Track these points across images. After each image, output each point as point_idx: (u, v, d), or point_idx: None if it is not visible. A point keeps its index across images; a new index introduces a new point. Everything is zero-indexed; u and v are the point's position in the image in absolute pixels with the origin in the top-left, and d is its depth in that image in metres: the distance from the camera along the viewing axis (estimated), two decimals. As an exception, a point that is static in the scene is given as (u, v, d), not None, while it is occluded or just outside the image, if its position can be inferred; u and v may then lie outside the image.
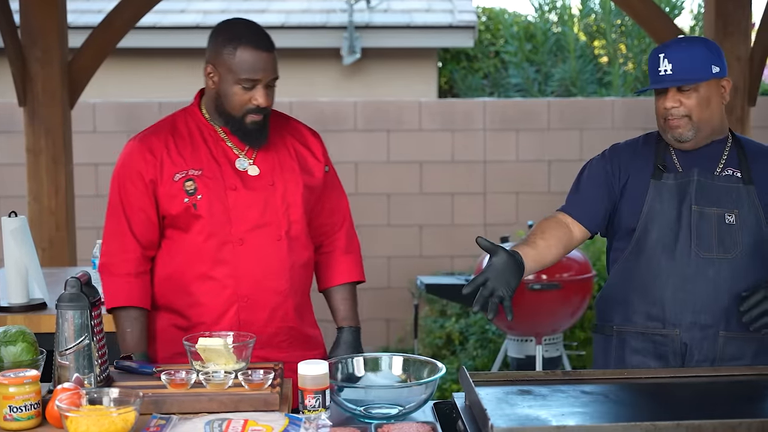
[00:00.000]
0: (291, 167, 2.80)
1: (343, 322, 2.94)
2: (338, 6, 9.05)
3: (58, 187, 5.17)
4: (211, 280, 2.72)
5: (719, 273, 2.72)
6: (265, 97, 2.68)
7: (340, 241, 2.98)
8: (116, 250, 2.74)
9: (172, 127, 2.77)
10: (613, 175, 2.86)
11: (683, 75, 2.71)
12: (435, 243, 7.31)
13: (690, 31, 9.37)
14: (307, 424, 2.13)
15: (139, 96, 8.07)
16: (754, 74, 5.10)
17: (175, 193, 2.69)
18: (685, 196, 2.76)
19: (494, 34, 10.10)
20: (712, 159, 2.81)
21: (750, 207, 2.76)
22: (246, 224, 2.71)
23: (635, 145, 2.92)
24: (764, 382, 2.50)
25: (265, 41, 2.71)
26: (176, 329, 2.76)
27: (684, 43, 2.81)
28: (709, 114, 2.75)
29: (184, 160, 2.71)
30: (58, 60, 5.08)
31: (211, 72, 2.71)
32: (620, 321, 2.85)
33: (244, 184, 2.72)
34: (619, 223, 2.85)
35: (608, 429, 2.06)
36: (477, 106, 7.39)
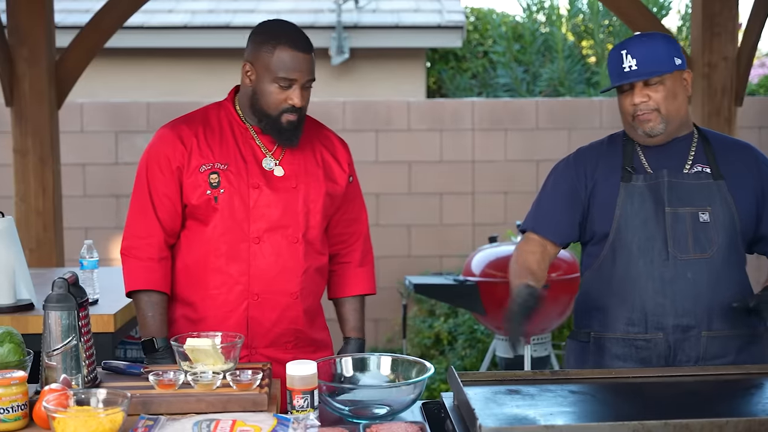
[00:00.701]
0: (315, 173, 2.82)
1: (351, 333, 2.97)
2: (326, 6, 9.05)
3: (45, 187, 5.16)
4: (224, 274, 2.74)
5: (698, 273, 2.71)
6: (301, 97, 2.70)
7: (356, 252, 3.00)
8: (141, 234, 2.76)
9: (205, 119, 2.80)
10: (578, 183, 2.84)
11: (649, 68, 2.70)
12: (423, 243, 7.32)
13: (677, 32, 9.40)
14: (296, 424, 2.12)
15: (127, 96, 8.05)
16: (741, 74, 5.12)
17: (199, 183, 2.72)
18: (657, 197, 2.74)
19: (482, 35, 10.11)
20: (680, 156, 2.79)
21: (722, 202, 2.74)
22: (264, 224, 2.73)
23: (600, 147, 2.90)
24: (750, 381, 2.51)
25: (304, 42, 2.73)
26: (186, 321, 2.79)
27: (644, 38, 2.79)
28: (676, 106, 2.74)
29: (212, 152, 2.74)
30: (46, 60, 5.06)
31: (248, 70, 2.73)
32: (599, 327, 2.83)
33: (268, 183, 2.75)
34: (592, 229, 2.83)
35: (596, 428, 2.07)
36: (465, 106, 7.40)
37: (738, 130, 5.16)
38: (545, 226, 2.86)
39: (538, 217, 2.89)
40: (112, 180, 7.10)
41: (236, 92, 2.86)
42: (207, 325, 2.73)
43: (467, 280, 5.47)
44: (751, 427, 2.05)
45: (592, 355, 2.83)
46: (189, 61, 8.72)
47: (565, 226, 2.85)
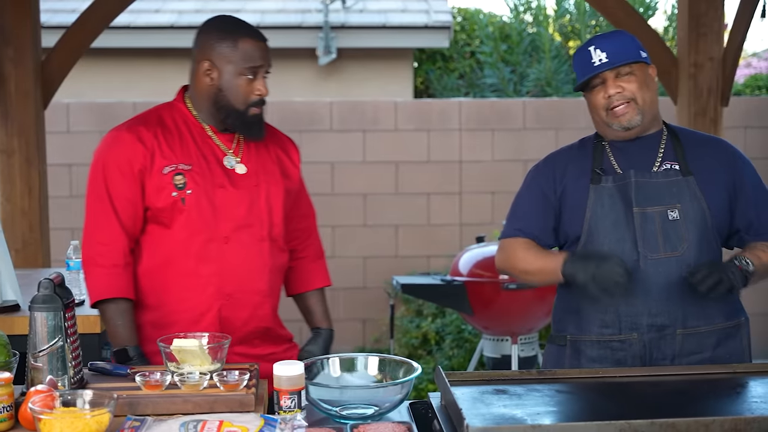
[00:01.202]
0: (273, 170, 2.82)
1: (322, 323, 2.98)
2: (314, 6, 9.04)
3: (31, 187, 5.13)
4: (195, 276, 2.72)
5: (669, 272, 2.71)
6: (265, 86, 2.72)
7: (312, 247, 3.02)
8: (103, 240, 2.70)
9: (160, 120, 2.76)
10: (548, 188, 2.84)
11: (619, 58, 2.71)
12: (411, 243, 7.32)
13: (663, 32, 9.43)
14: (283, 424, 2.12)
15: (114, 96, 8.03)
16: (727, 75, 5.14)
17: (163, 185, 2.68)
18: (625, 198, 2.74)
19: (470, 35, 10.12)
20: (649, 154, 2.80)
21: (692, 198, 2.74)
22: (232, 222, 2.72)
23: (570, 151, 2.91)
24: (736, 380, 2.52)
25: (259, 32, 2.76)
26: (153, 327, 2.75)
27: (609, 35, 2.81)
28: (650, 96, 2.76)
29: (174, 153, 2.71)
30: (32, 60, 5.04)
31: (208, 69, 2.72)
32: (574, 331, 2.83)
33: (232, 182, 2.74)
34: (564, 233, 2.84)
35: (583, 428, 2.07)
36: (453, 106, 7.40)
37: (724, 130, 5.18)
38: (524, 233, 2.85)
39: (516, 224, 2.89)
40: (99, 180, 7.06)
41: (184, 92, 2.83)
42: (177, 329, 2.66)
43: (454, 280, 5.47)
44: (737, 426, 2.06)
45: (568, 359, 2.82)
46: (175, 61, 8.68)
47: (542, 231, 2.85)
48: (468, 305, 5.41)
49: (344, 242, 7.17)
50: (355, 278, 7.20)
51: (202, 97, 2.76)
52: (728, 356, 2.76)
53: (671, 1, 9.93)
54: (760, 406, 2.26)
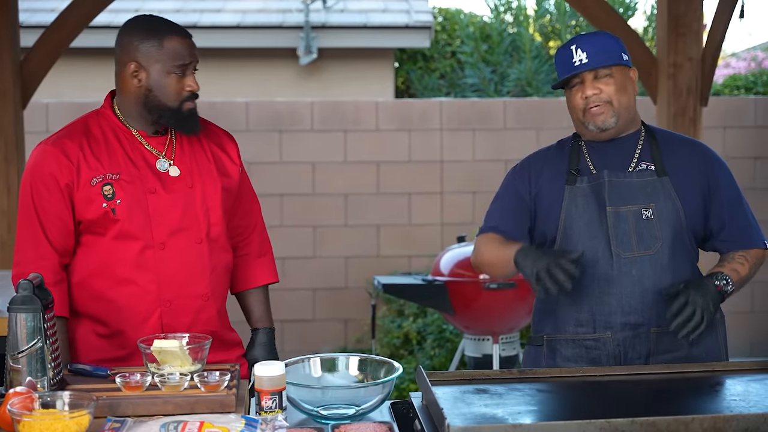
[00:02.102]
0: (209, 169, 2.77)
1: (258, 324, 2.94)
2: (294, 6, 9.03)
3: (9, 187, 5.11)
4: (132, 284, 2.66)
5: (642, 271, 2.73)
6: (195, 81, 2.71)
7: (254, 243, 2.97)
8: (32, 258, 2.63)
9: (86, 130, 2.70)
10: (523, 190, 2.87)
11: (599, 60, 2.73)
12: (392, 243, 7.32)
13: (643, 32, 9.47)
14: (264, 425, 2.12)
15: (93, 96, 7.97)
16: (706, 75, 5.17)
17: (92, 197, 2.62)
18: (599, 197, 2.76)
19: (450, 35, 10.14)
20: (626, 155, 2.82)
21: (666, 199, 2.75)
22: (166, 228, 2.66)
23: (547, 153, 2.94)
24: (715, 378, 2.53)
25: (183, 29, 2.76)
26: (96, 336, 2.70)
27: (592, 35, 2.83)
28: (627, 100, 2.77)
29: (100, 163, 2.64)
30: (10, 59, 5.01)
31: (135, 70, 2.67)
32: (551, 331, 2.85)
33: (164, 186, 2.68)
34: (540, 233, 2.85)
35: (564, 427, 2.08)
36: (433, 106, 7.41)
37: (703, 130, 5.21)
38: (500, 231, 2.87)
39: (492, 222, 2.91)
40: (79, 181, 7.04)
41: (112, 98, 2.79)
42: (122, 338, 2.64)
43: (436, 279, 5.48)
44: (716, 424, 2.07)
45: (545, 358, 2.84)
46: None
47: (517, 231, 2.86)
48: (449, 305, 5.42)
49: (325, 242, 7.17)
50: (337, 278, 7.20)
51: (130, 101, 2.71)
52: (704, 354, 2.77)
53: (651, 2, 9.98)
54: (739, 404, 2.28)
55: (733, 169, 2.97)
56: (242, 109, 7.02)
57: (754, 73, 9.34)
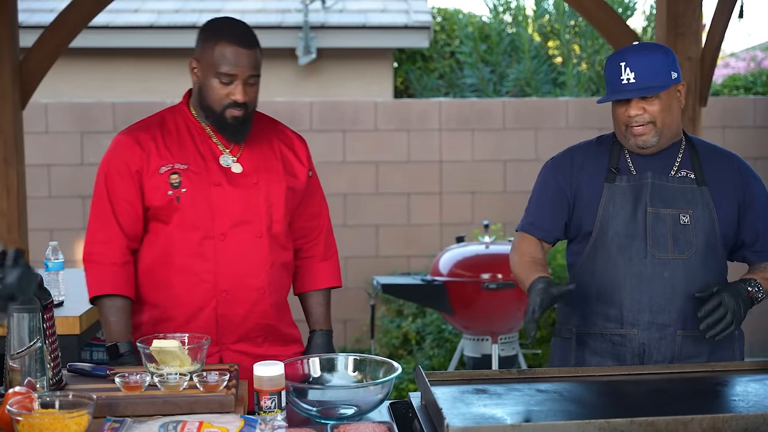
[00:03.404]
0: (275, 168, 2.84)
1: (316, 326, 2.99)
2: (293, 6, 9.03)
3: (9, 188, 5.10)
4: (190, 273, 2.75)
5: (675, 273, 2.76)
6: (243, 93, 2.71)
7: (319, 246, 3.02)
8: (102, 240, 2.76)
9: (161, 123, 2.82)
10: (564, 183, 2.89)
11: (646, 83, 2.72)
12: (391, 243, 7.32)
13: (642, 32, 9.47)
14: (263, 425, 2.12)
15: (92, 96, 7.99)
16: (705, 75, 5.16)
17: (159, 185, 2.73)
18: (639, 197, 2.79)
19: (449, 35, 10.14)
20: (667, 161, 2.84)
21: (704, 208, 2.80)
22: (228, 220, 2.74)
23: (588, 148, 2.95)
24: (715, 378, 2.53)
25: (246, 38, 2.74)
26: (154, 323, 2.79)
27: (644, 51, 2.79)
28: (671, 119, 2.78)
29: (170, 153, 2.75)
30: (9, 60, 5.00)
31: (195, 66, 2.76)
32: (580, 323, 2.88)
33: (229, 180, 2.76)
34: (576, 227, 2.89)
35: (563, 427, 2.08)
36: (432, 106, 7.41)
37: (702, 130, 5.20)
38: (536, 227, 2.93)
39: (529, 218, 2.95)
40: (78, 181, 7.04)
41: (190, 95, 2.87)
42: (174, 325, 2.73)
43: (435, 280, 5.48)
44: (715, 424, 2.07)
45: (574, 351, 2.89)
46: (155, 61, 8.67)
47: (553, 225, 2.91)
48: (448, 305, 5.42)
49: (324, 242, 7.16)
50: (336, 278, 7.19)
51: (195, 95, 2.81)
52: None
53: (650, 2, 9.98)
54: (738, 405, 2.28)
55: (733, 169, 2.99)
56: (241, 109, 7.00)
57: (754, 73, 9.34)
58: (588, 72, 9.20)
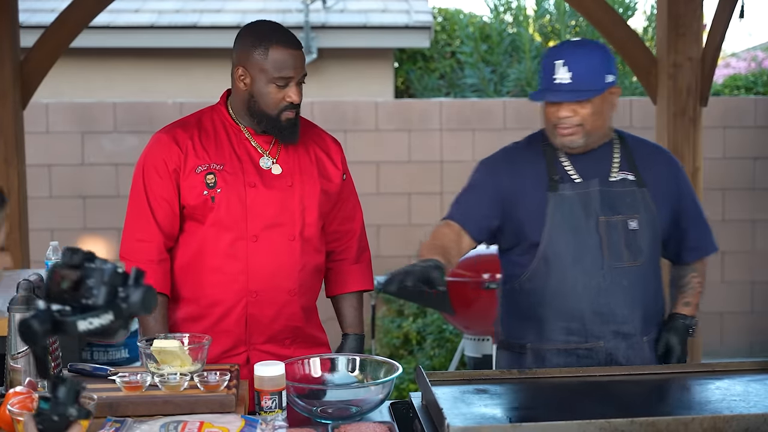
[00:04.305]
0: (310, 171, 2.85)
1: (349, 329, 3.00)
2: (294, 6, 9.04)
3: (10, 188, 5.10)
4: (222, 273, 2.76)
5: (632, 281, 2.73)
6: (298, 94, 2.75)
7: (352, 249, 3.02)
8: (139, 237, 2.78)
9: (199, 123, 2.83)
10: (501, 187, 2.80)
11: (581, 86, 2.64)
12: (392, 243, 7.32)
13: (643, 32, 9.46)
14: (264, 425, 2.12)
15: (93, 96, 7.99)
16: (706, 75, 5.16)
17: (195, 184, 2.74)
18: (589, 206, 2.72)
19: (450, 35, 10.14)
20: (604, 163, 2.78)
21: (647, 210, 2.75)
22: (261, 221, 2.75)
23: (523, 152, 2.86)
24: (715, 378, 2.53)
25: (294, 40, 2.76)
26: (188, 320, 2.81)
27: (583, 50, 2.71)
28: (601, 122, 2.72)
29: (207, 153, 2.77)
30: (10, 60, 5.01)
31: (242, 74, 2.75)
32: (535, 339, 2.79)
33: (264, 182, 2.77)
34: (516, 236, 2.80)
35: (564, 427, 2.08)
36: (433, 106, 7.41)
37: (703, 131, 5.20)
38: (466, 217, 2.82)
39: (459, 209, 2.86)
40: (78, 181, 7.04)
41: (228, 95, 2.88)
42: (206, 324, 2.75)
43: (435, 279, 5.47)
44: (716, 424, 2.07)
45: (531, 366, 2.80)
46: (156, 61, 8.67)
47: (484, 221, 2.82)
48: (449, 305, 5.41)
49: (325, 242, 7.17)
50: (337, 278, 7.20)
51: (238, 101, 2.80)
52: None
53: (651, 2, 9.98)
54: (739, 405, 2.28)
55: (733, 169, 3.01)
56: (242, 110, 7.01)
57: (754, 73, 9.34)
58: (589, 72, 9.19)
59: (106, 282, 1.48)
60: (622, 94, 8.96)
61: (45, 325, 1.48)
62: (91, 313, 1.47)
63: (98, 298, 1.48)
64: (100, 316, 1.47)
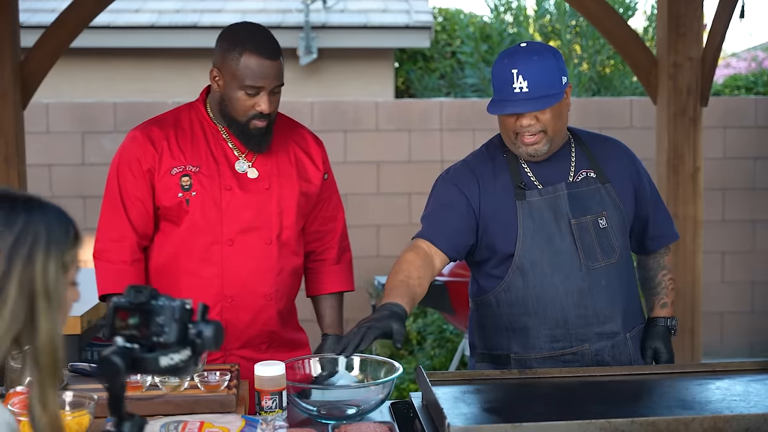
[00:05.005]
0: (288, 173, 2.81)
1: (329, 330, 2.97)
2: (294, 6, 9.03)
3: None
4: (197, 277, 2.73)
5: (610, 280, 2.72)
6: (269, 104, 2.67)
7: (333, 250, 3.00)
8: (112, 237, 2.76)
9: (176, 121, 2.79)
10: (471, 199, 2.72)
11: (540, 92, 2.59)
12: (393, 243, 7.32)
13: (643, 32, 9.46)
14: (264, 425, 2.12)
15: (94, 96, 7.99)
16: (706, 75, 5.16)
17: (170, 186, 2.70)
18: (559, 210, 2.69)
19: (450, 35, 10.14)
20: (564, 165, 2.76)
21: (614, 206, 2.75)
22: (237, 225, 2.72)
23: (485, 162, 2.79)
24: (715, 379, 2.53)
25: (270, 48, 2.67)
26: None
27: (535, 57, 2.64)
28: (561, 124, 2.70)
29: (183, 154, 2.73)
30: (10, 60, 5.00)
31: (216, 76, 2.71)
32: (519, 349, 2.74)
33: (240, 185, 2.73)
34: (488, 249, 2.73)
35: (564, 427, 2.08)
36: (433, 106, 7.41)
37: (703, 131, 5.20)
38: (438, 236, 2.72)
39: (431, 228, 2.75)
40: (79, 181, 7.04)
41: (208, 92, 2.84)
42: None
43: (436, 280, 5.47)
44: (716, 424, 2.07)
45: None
46: (156, 61, 8.67)
47: (460, 241, 2.73)
48: (449, 305, 5.42)
49: (325, 242, 7.16)
50: (337, 278, 7.20)
51: (214, 100, 2.78)
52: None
53: (651, 2, 9.98)
54: (739, 405, 2.28)
55: (734, 169, 3.00)
56: (242, 110, 7.01)
57: (755, 73, 9.34)
58: (589, 72, 9.19)
59: (177, 319, 1.50)
60: (623, 94, 8.96)
61: (126, 361, 1.50)
62: (171, 350, 1.50)
63: (170, 336, 1.50)
64: (180, 352, 1.50)
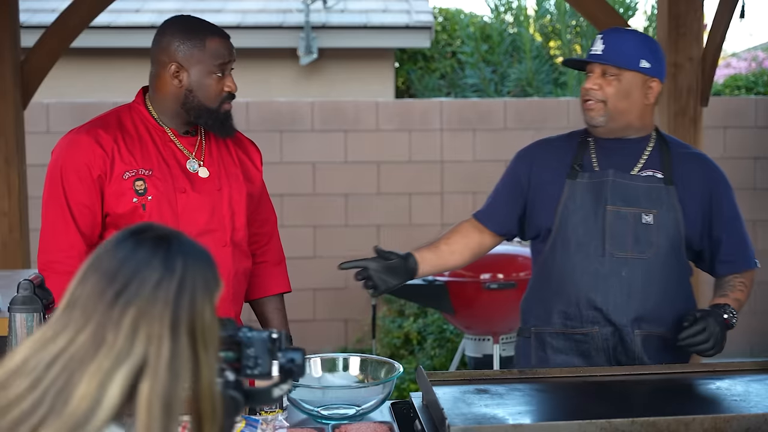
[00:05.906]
0: (235, 174, 2.78)
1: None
2: (295, 6, 9.03)
3: (10, 188, 5.10)
4: None
5: (632, 273, 2.72)
6: (234, 81, 2.71)
7: (272, 252, 2.97)
8: (61, 247, 2.62)
9: (120, 124, 2.69)
10: (522, 175, 2.89)
11: (609, 57, 2.71)
12: (393, 243, 7.26)
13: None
14: (264, 425, 2.12)
15: (94, 96, 7.99)
16: (706, 75, 5.16)
17: (123, 191, 2.61)
18: (599, 195, 2.75)
19: (451, 35, 10.14)
20: (630, 157, 2.79)
21: (669, 208, 2.74)
22: (194, 229, 2.64)
23: (557, 142, 2.93)
24: (716, 378, 2.53)
25: (220, 29, 2.77)
26: None
27: (624, 31, 2.83)
28: (626, 106, 2.73)
29: (134, 158, 2.63)
30: (10, 60, 5.01)
31: (176, 71, 2.65)
32: (538, 322, 2.84)
33: (193, 187, 2.67)
34: (537, 224, 2.85)
35: (564, 427, 2.08)
36: (434, 106, 7.41)
37: (704, 130, 5.20)
38: (488, 216, 2.95)
39: (485, 207, 2.98)
40: (79, 181, 7.04)
41: (144, 93, 2.78)
42: None
43: (436, 280, 5.48)
44: (717, 424, 2.07)
45: (534, 350, 2.85)
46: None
47: (506, 217, 2.92)
48: (450, 305, 5.42)
49: (326, 242, 7.17)
50: (337, 278, 7.19)
51: (166, 100, 2.69)
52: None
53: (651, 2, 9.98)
54: (740, 405, 2.28)
55: (733, 169, 2.99)
56: (242, 109, 7.02)
57: (755, 74, 9.34)
58: (589, 72, 9.20)
59: (270, 350, 1.54)
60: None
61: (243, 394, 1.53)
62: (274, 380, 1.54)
63: (264, 367, 1.54)
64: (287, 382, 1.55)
